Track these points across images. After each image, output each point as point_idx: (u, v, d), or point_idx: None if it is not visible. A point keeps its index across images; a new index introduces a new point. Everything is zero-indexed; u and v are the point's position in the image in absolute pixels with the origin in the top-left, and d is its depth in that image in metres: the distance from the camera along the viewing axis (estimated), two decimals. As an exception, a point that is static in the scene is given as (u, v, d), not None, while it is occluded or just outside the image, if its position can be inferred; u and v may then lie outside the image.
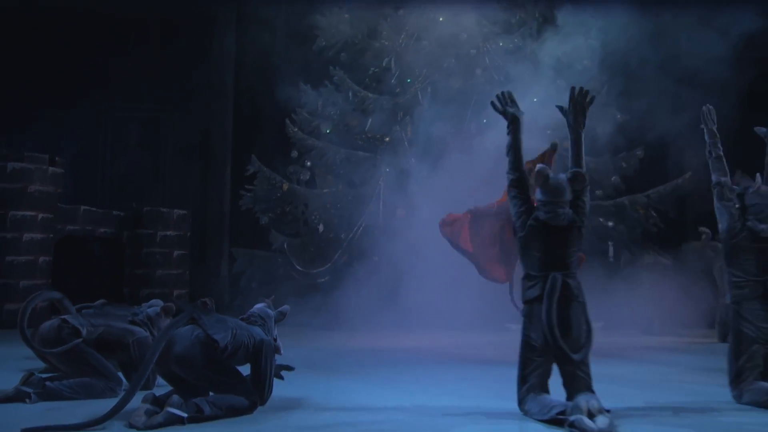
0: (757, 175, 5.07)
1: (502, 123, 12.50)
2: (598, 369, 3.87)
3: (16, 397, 4.19)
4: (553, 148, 5.99)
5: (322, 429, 3.73)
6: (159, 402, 3.66)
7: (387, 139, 11.77)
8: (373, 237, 11.42)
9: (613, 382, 4.93)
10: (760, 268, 4.43)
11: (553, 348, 3.71)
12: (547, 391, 3.79)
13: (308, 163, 11.73)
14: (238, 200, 11.68)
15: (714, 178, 4.83)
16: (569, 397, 3.71)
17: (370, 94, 11.85)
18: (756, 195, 4.58)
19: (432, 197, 11.35)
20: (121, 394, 3.86)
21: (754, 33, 10.35)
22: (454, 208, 11.13)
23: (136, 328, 4.68)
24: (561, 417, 3.53)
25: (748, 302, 4.38)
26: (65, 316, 4.54)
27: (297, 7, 11.48)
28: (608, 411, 3.55)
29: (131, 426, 3.54)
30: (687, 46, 11.60)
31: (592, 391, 3.70)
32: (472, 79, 11.78)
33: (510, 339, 9.06)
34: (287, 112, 11.69)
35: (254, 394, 3.90)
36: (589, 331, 3.82)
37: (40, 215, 10.30)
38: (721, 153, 4.90)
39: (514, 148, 4.23)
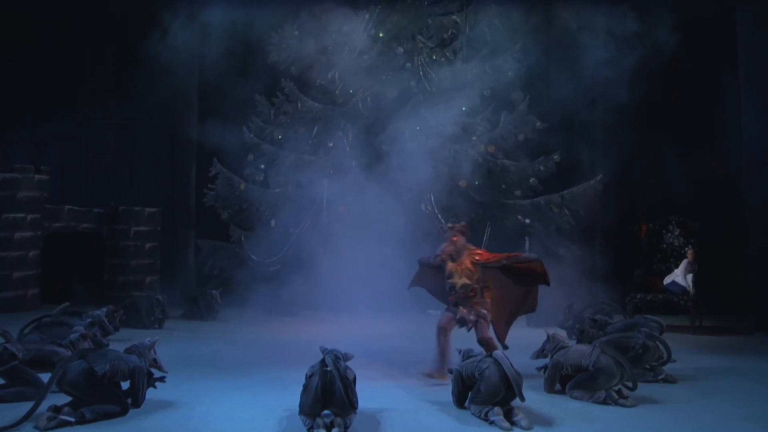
0: None
1: (433, 129, 13.94)
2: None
3: (-29, 401, 6.04)
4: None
5: (173, 425, 5.50)
6: (58, 410, 5.45)
7: (331, 144, 13.28)
8: (317, 231, 13.11)
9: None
10: None
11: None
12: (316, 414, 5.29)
13: (262, 166, 13.26)
14: (202, 198, 13.24)
15: None
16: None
17: (316, 104, 13.34)
18: None
19: (370, 196, 12.98)
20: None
21: (655, 52, 11.68)
22: (389, 206, 12.81)
23: (61, 350, 6.44)
24: (309, 430, 5.25)
25: None
26: (6, 344, 6.30)
27: (253, 24, 12.89)
28: (346, 429, 5.25)
29: (36, 427, 5.35)
30: (598, 63, 12.88)
31: (354, 412, 5.35)
32: (407, 90, 13.23)
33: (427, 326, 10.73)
34: (244, 120, 13.22)
35: (126, 403, 5.69)
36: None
37: (29, 216, 12.11)
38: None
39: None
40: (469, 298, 7.10)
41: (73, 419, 5.39)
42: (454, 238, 7.24)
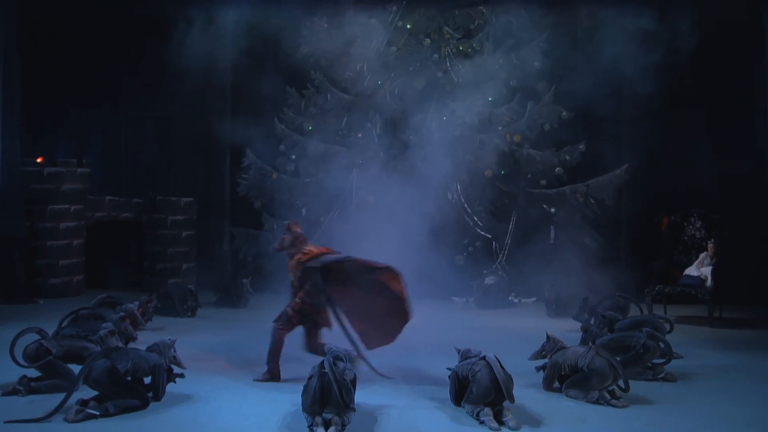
0: None
1: (459, 119, 14.06)
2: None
3: (13, 391, 6.61)
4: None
5: (187, 419, 6.00)
6: (85, 403, 5.99)
7: (359, 134, 13.62)
8: (346, 219, 13.51)
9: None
10: None
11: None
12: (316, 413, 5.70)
13: (293, 156, 13.65)
14: (236, 188, 13.73)
15: None
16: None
17: (345, 96, 13.66)
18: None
19: (397, 185, 13.29)
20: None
21: (681, 43, 11.66)
22: (415, 195, 13.04)
23: (92, 345, 6.97)
24: (309, 427, 5.67)
25: None
26: (42, 340, 6.87)
27: (283, 18, 13.22)
28: (343, 426, 5.65)
29: (65, 419, 5.90)
30: (624, 53, 12.82)
31: (352, 411, 5.75)
32: (434, 81, 13.45)
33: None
34: (276, 111, 13.62)
35: (146, 397, 6.21)
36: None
37: (73, 207, 12.80)
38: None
39: None
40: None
41: (98, 413, 5.92)
42: (284, 236, 7.53)
